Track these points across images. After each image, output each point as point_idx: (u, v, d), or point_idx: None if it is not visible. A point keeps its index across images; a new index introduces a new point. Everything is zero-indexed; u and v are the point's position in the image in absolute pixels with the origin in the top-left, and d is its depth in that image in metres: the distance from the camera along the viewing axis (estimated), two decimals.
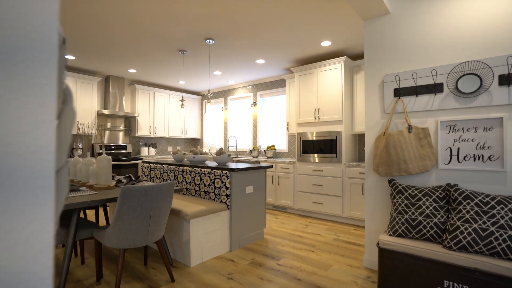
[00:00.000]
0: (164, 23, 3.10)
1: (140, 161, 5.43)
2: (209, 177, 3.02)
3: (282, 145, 5.47)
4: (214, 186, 2.97)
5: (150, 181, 3.93)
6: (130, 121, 5.86)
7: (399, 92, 2.26)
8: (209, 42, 3.58)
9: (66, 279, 2.01)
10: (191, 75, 5.41)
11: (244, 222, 3.02)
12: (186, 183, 3.30)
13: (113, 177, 3.03)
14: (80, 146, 4.97)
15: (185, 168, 3.35)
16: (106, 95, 5.43)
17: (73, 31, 3.31)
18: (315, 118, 4.22)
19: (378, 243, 2.01)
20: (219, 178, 2.92)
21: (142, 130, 5.81)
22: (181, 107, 3.97)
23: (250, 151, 5.63)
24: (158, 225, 2.07)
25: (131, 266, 2.50)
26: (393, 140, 2.19)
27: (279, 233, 3.46)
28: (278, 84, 5.53)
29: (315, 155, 4.18)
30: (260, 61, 4.47)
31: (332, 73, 4.04)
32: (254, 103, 5.92)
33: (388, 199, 2.33)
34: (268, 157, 5.24)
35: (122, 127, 5.78)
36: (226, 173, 2.87)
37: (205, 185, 3.07)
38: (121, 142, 5.76)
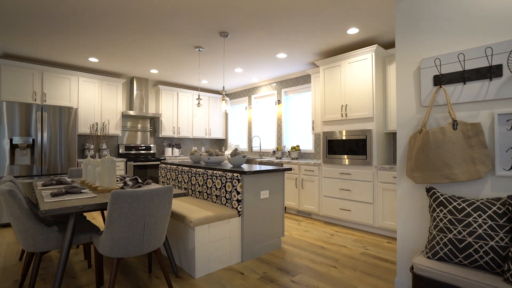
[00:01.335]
0: (175, 16, 2.94)
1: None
2: (220, 180, 2.80)
3: (308, 145, 5.09)
4: (225, 190, 2.74)
5: (166, 183, 3.83)
6: (154, 122, 5.90)
7: (441, 80, 1.82)
8: (224, 36, 3.37)
9: (60, 286, 1.91)
10: (211, 74, 5.27)
11: (258, 231, 2.75)
12: (199, 185, 3.12)
13: (123, 178, 2.94)
14: (105, 146, 5.09)
15: (197, 170, 3.17)
16: (131, 96, 5.51)
17: (92, 34, 3.30)
18: (342, 116, 3.80)
19: (412, 267, 1.61)
20: (230, 182, 2.68)
21: (166, 131, 5.81)
22: (197, 106, 3.82)
23: (274, 151, 5.33)
24: (154, 234, 1.88)
25: (134, 273, 2.36)
26: (432, 139, 1.77)
27: (300, 242, 3.12)
28: (303, 80, 5.17)
29: (343, 156, 3.76)
30: (282, 55, 4.17)
31: (361, 65, 3.59)
32: (279, 101, 5.62)
33: (426, 211, 1.90)
34: (292, 158, 4.90)
35: (147, 127, 5.84)
36: (237, 176, 2.62)
37: (216, 189, 2.86)
38: (146, 142, 5.82)
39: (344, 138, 3.76)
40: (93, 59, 4.34)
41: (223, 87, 3.37)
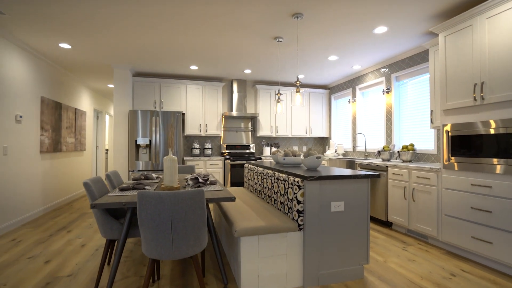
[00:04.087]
0: (241, 2, 2.77)
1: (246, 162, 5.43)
2: (284, 184, 2.41)
3: (428, 144, 3.84)
4: (288, 197, 2.32)
5: (248, 183, 3.74)
6: (254, 122, 6.03)
7: None
8: (298, 18, 2.92)
9: (115, 276, 2.07)
10: (305, 66, 4.84)
11: (328, 252, 2.18)
12: (268, 189, 2.83)
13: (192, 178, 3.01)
14: (210, 146, 5.58)
15: (268, 171, 2.88)
16: (231, 98, 5.83)
17: (190, 44, 3.62)
18: (475, 100, 2.57)
19: None
20: (291, 188, 2.25)
21: (264, 130, 5.82)
22: (277, 102, 3.52)
23: (378, 152, 4.33)
24: (185, 240, 1.74)
25: (190, 274, 2.33)
26: None
27: (395, 276, 2.29)
28: (419, 58, 3.93)
29: (477, 160, 2.53)
30: (381, 29, 3.26)
31: None
32: (387, 90, 4.53)
33: None
34: (403, 161, 3.82)
35: (247, 127, 6.04)
36: (297, 181, 2.16)
37: (280, 195, 2.48)
38: (245, 142, 6.03)
39: (478, 132, 2.52)
40: (193, 67, 4.82)
41: (297, 77, 2.94)
